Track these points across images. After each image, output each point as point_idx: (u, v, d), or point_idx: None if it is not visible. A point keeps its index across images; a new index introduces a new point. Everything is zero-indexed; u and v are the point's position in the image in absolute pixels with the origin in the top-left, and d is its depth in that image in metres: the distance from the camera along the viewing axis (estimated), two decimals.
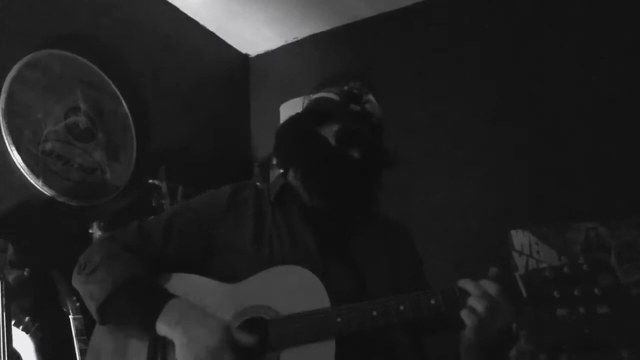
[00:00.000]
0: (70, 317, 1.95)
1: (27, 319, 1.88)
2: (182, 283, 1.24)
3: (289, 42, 3.39)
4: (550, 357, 2.35)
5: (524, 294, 1.08)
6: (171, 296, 1.20)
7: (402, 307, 1.11)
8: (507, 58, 2.73)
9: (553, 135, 2.55)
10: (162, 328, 1.16)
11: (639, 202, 2.31)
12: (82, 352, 1.90)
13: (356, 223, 1.36)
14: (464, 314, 1.08)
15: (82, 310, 1.93)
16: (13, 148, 2.11)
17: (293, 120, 1.42)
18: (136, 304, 1.21)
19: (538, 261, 2.46)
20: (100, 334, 1.29)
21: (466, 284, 1.10)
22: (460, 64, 2.84)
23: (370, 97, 1.37)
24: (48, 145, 2.23)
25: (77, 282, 1.28)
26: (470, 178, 2.67)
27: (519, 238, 2.52)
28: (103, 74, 2.49)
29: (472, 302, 1.08)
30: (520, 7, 2.76)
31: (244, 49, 3.50)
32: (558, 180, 2.50)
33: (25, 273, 1.88)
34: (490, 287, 1.08)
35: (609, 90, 2.47)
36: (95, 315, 1.23)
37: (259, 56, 3.52)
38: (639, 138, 2.37)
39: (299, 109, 1.50)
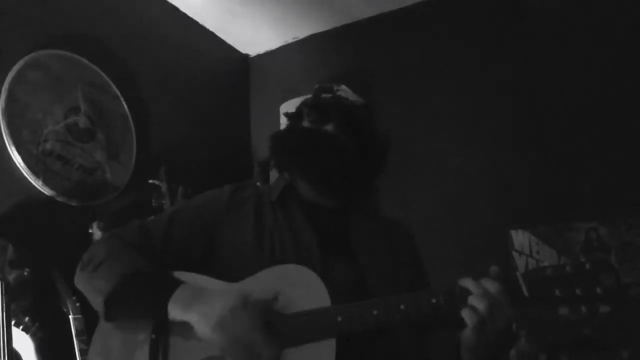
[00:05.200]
0: (70, 317, 1.95)
1: (27, 319, 1.87)
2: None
3: (289, 42, 3.39)
4: (550, 357, 2.35)
5: (526, 293, 1.08)
6: (179, 282, 1.19)
7: (403, 306, 1.11)
8: (507, 57, 2.73)
9: (553, 135, 2.56)
10: (175, 312, 1.15)
11: (639, 202, 2.31)
12: (82, 352, 1.90)
13: (357, 222, 1.36)
14: (465, 313, 1.08)
15: (82, 310, 1.93)
16: (13, 148, 2.11)
17: (281, 129, 1.46)
18: (145, 293, 1.20)
19: (538, 261, 2.46)
20: (101, 333, 1.29)
21: (467, 283, 1.10)
22: (460, 64, 2.84)
23: (344, 87, 1.39)
24: (48, 145, 2.22)
25: (81, 279, 1.27)
26: (470, 178, 2.67)
27: (519, 238, 2.52)
28: (103, 74, 2.49)
29: (473, 301, 1.08)
30: (520, 7, 2.76)
31: (244, 49, 3.50)
32: (558, 180, 2.50)
33: (25, 273, 1.88)
34: (491, 285, 1.08)
35: (610, 90, 2.47)
36: (101, 309, 1.21)
37: (259, 56, 3.52)
38: (639, 138, 2.38)
39: None
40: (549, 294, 1.06)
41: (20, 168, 2.13)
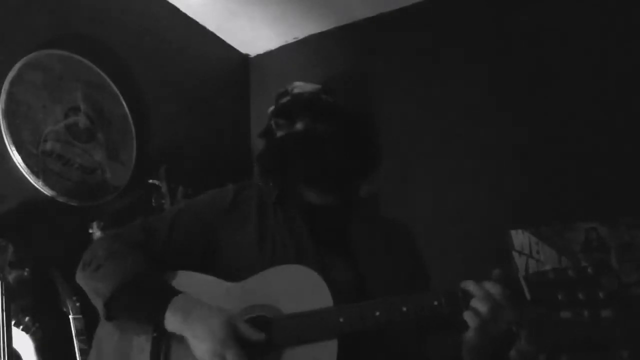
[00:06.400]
0: (70, 317, 1.95)
1: (27, 319, 1.87)
2: (185, 281, 1.25)
3: (289, 42, 3.39)
4: (550, 357, 2.35)
5: (528, 296, 1.08)
6: (177, 292, 1.20)
7: (405, 308, 1.11)
8: (507, 58, 2.73)
9: (553, 135, 2.55)
10: (170, 324, 1.16)
11: (639, 202, 2.31)
12: (82, 352, 1.89)
13: (356, 222, 1.36)
14: (467, 316, 1.08)
15: (82, 310, 1.92)
16: (13, 148, 2.11)
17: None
18: (143, 301, 1.21)
19: (538, 261, 2.46)
20: (103, 330, 1.30)
21: (469, 286, 1.10)
22: (460, 64, 2.84)
23: (297, 83, 1.40)
24: (48, 145, 2.22)
25: (81, 278, 1.28)
26: (470, 178, 2.67)
27: (519, 238, 2.52)
28: (103, 74, 2.49)
29: (475, 303, 1.08)
30: (519, 6, 2.76)
31: (244, 49, 3.50)
32: (558, 180, 2.50)
33: (25, 273, 1.88)
34: (494, 288, 1.08)
35: (609, 89, 2.47)
36: (101, 311, 1.23)
37: (259, 56, 3.52)
38: (639, 138, 2.38)
39: None
40: (551, 297, 1.06)
41: (20, 168, 2.13)
